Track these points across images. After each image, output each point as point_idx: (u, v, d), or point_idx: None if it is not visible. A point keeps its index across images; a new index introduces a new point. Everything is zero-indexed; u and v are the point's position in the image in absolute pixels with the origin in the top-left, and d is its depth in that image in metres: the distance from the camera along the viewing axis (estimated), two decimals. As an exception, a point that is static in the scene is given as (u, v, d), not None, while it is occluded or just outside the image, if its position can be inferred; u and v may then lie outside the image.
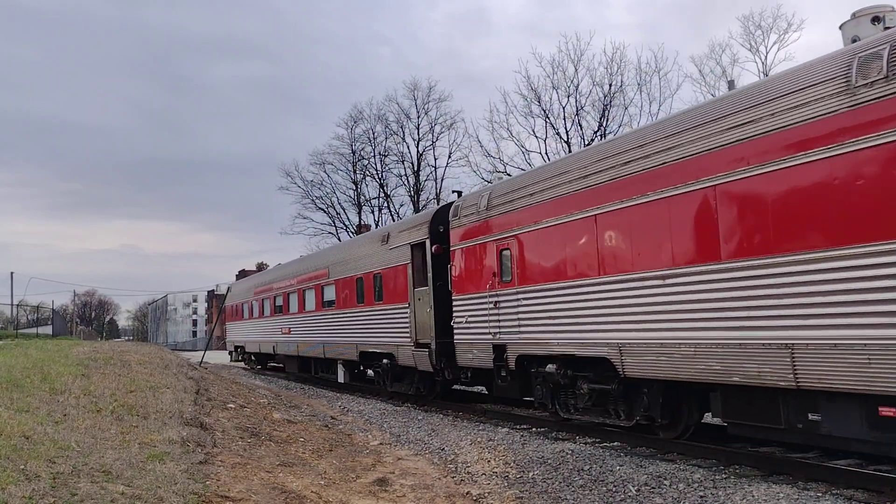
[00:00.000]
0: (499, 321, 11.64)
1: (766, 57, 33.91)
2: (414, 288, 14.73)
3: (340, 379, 19.59)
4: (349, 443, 10.57)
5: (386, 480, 7.94)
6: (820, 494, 6.63)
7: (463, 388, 17.97)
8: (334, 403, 16.39)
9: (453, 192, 17.28)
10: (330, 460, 8.86)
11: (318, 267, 21.26)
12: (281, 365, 27.71)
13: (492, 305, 11.82)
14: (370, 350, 16.99)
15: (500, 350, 11.72)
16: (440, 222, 14.21)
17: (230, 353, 32.83)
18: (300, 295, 22.46)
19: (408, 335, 14.89)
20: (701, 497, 6.89)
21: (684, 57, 62.34)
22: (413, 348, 14.61)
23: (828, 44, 60.56)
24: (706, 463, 8.23)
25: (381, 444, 10.72)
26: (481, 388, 16.89)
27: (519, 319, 11.21)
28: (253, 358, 30.02)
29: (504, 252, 11.71)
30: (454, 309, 13.21)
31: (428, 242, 14.31)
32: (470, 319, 12.60)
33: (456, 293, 13.20)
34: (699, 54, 71.46)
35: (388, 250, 16.08)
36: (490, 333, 11.86)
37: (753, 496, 6.72)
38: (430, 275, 14.15)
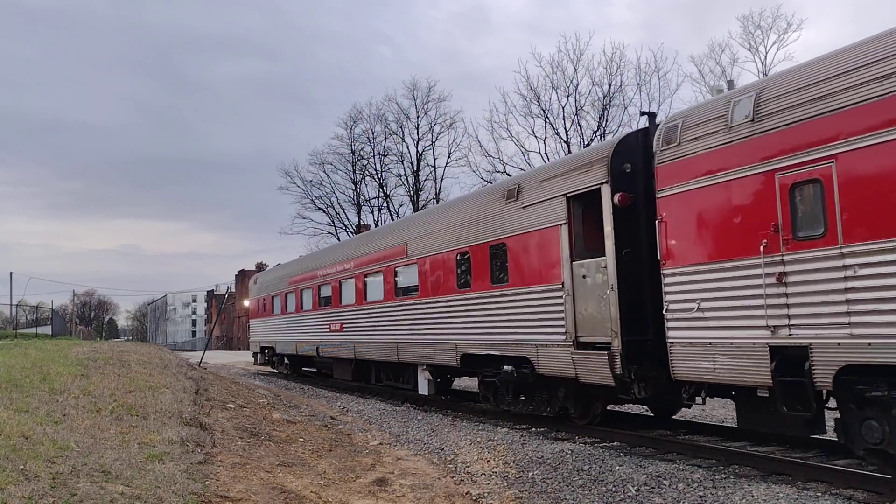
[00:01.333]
0: (787, 306, 7.33)
1: (765, 57, 33.92)
2: (573, 261, 10.25)
3: (423, 390, 15.00)
4: (349, 443, 10.56)
5: (385, 480, 7.94)
6: (819, 494, 6.63)
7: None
8: (334, 403, 16.39)
9: (642, 113, 13.02)
10: (329, 460, 8.86)
11: (389, 245, 16.30)
12: (318, 370, 23.60)
13: (772, 280, 7.44)
14: (481, 352, 12.29)
15: (786, 356, 7.35)
16: (625, 159, 9.77)
17: (255, 355, 28.41)
18: (359, 282, 17.79)
19: (560, 330, 10.40)
20: (700, 497, 6.89)
21: (684, 57, 62.35)
22: (572, 350, 10.08)
23: (828, 43, 60.55)
24: (706, 463, 8.23)
25: (380, 444, 10.72)
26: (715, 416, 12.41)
27: (847, 302, 6.77)
28: (286, 361, 25.09)
29: (801, 188, 7.27)
30: (669, 289, 8.71)
31: (607, 189, 9.63)
32: (711, 305, 8.19)
33: (674, 263, 8.70)
34: (699, 54, 71.55)
35: (521, 209, 11.36)
36: (765, 327, 7.52)
37: (753, 496, 6.73)
38: (610, 239, 9.54)
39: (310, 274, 21.72)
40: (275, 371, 26.93)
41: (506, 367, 11.53)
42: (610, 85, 34.54)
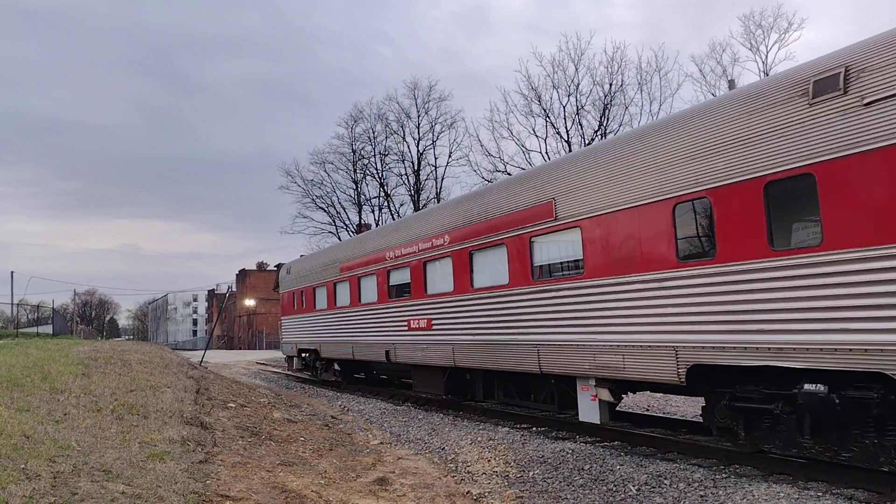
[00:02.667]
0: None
1: (766, 56, 33.85)
2: None
3: (589, 416, 9.91)
4: (349, 442, 10.56)
5: (386, 480, 7.94)
6: (820, 494, 6.63)
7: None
8: (334, 403, 16.39)
9: None
10: (330, 459, 8.86)
11: (515, 206, 11.32)
12: (386, 378, 19.45)
13: None
14: (744, 362, 7.41)
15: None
16: None
17: (289, 359, 23.79)
18: (460, 262, 12.80)
19: None
20: (701, 496, 6.89)
21: (685, 56, 62.40)
22: None
23: (829, 43, 60.46)
24: (706, 462, 8.23)
25: (381, 443, 10.72)
26: None
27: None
28: (336, 367, 20.58)
29: None
30: None
31: None
32: None
33: None
34: (700, 53, 71.44)
35: (861, 107, 6.40)
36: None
37: (754, 495, 6.72)
38: None
39: (372, 256, 16.69)
40: (312, 378, 22.59)
41: (809, 387, 6.97)
42: (611, 84, 34.50)
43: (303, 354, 22.34)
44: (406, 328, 14.89)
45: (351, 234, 47.36)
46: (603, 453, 9.17)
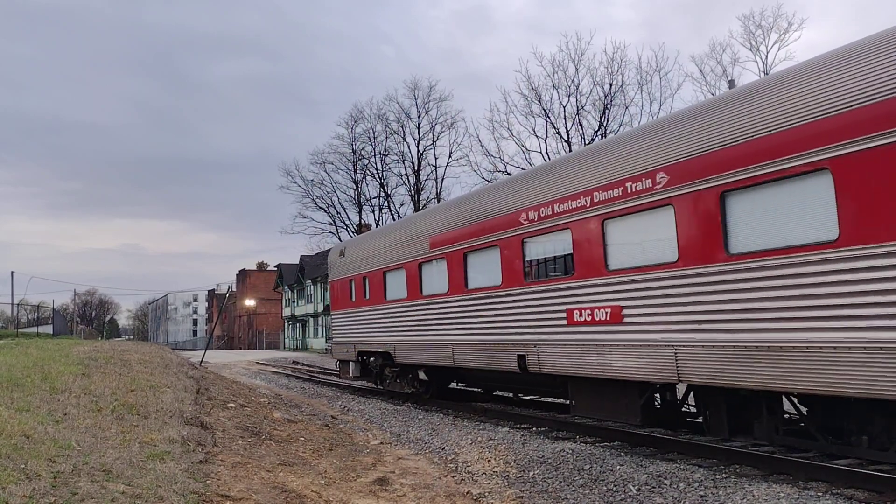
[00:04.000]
0: None
1: (766, 56, 33.87)
2: None
3: None
4: (349, 442, 10.57)
5: (386, 480, 7.94)
6: (820, 494, 6.63)
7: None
8: (334, 403, 16.40)
9: None
10: (330, 459, 8.86)
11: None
12: (494, 391, 15.11)
13: None
14: None
15: None
16: None
17: (343, 364, 18.81)
18: (697, 212, 7.83)
19: None
20: (701, 496, 6.89)
21: (685, 56, 62.45)
22: None
23: (830, 42, 60.49)
24: (706, 462, 8.23)
25: (381, 443, 10.72)
26: None
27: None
28: (422, 376, 15.00)
29: None
30: None
31: None
32: None
33: None
34: (700, 54, 71.46)
35: None
36: None
37: (754, 496, 6.72)
38: None
39: (492, 222, 11.70)
40: (378, 389, 17.75)
41: None
42: (611, 84, 34.56)
43: (368, 359, 17.03)
44: (563, 322, 10.05)
45: (351, 234, 47.30)
46: (603, 453, 9.17)
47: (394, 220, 45.64)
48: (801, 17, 59.74)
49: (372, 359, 16.90)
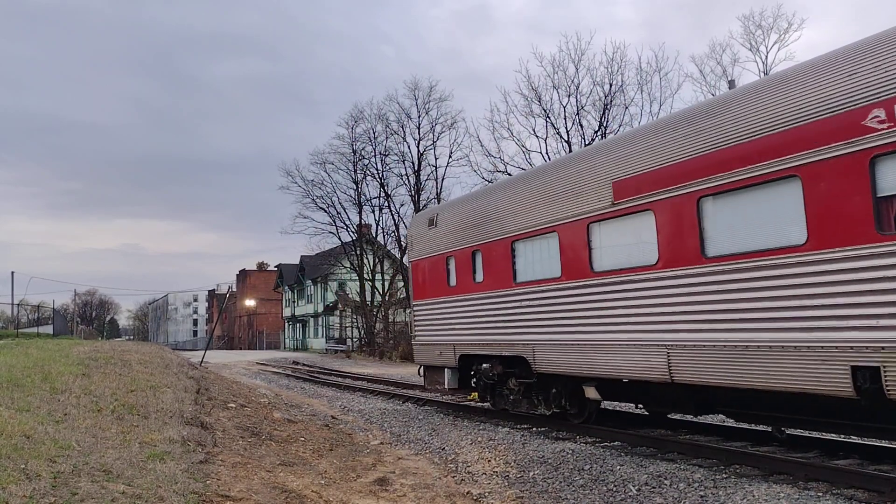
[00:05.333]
0: None
1: (766, 57, 33.85)
2: None
3: None
4: (350, 442, 10.57)
5: (386, 480, 7.94)
6: (820, 494, 6.63)
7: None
8: (335, 403, 16.39)
9: None
10: (330, 460, 8.86)
11: None
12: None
13: None
14: None
15: None
16: None
17: (430, 370, 14.03)
18: None
19: None
20: (701, 497, 6.89)
21: (685, 56, 62.46)
22: None
23: (831, 42, 60.50)
24: (707, 462, 8.23)
25: (381, 443, 10.72)
26: None
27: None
28: (593, 395, 10.22)
29: None
30: None
31: None
32: None
33: None
34: (700, 54, 71.54)
35: None
36: None
37: (754, 496, 6.72)
38: None
39: (760, 143, 7.11)
40: (487, 407, 13.09)
41: None
42: (611, 84, 34.50)
43: (472, 366, 12.52)
44: None
45: (351, 234, 47.30)
46: (603, 453, 9.17)
47: (394, 220, 45.58)
48: (801, 18, 59.66)
49: (485, 365, 11.79)
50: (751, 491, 6.88)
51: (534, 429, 11.39)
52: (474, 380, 12.82)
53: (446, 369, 13.28)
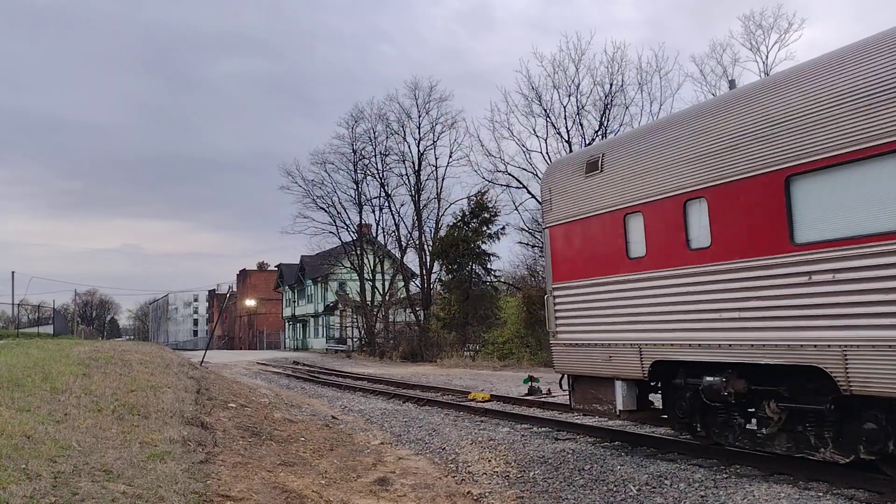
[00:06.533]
0: None
1: (766, 56, 33.86)
2: None
3: None
4: (350, 442, 10.57)
5: (387, 480, 7.94)
6: (820, 494, 6.63)
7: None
8: (335, 403, 16.40)
9: None
10: (331, 460, 8.87)
11: None
12: None
13: None
14: None
15: None
16: None
17: (580, 383, 9.79)
18: None
19: None
20: (702, 497, 6.89)
21: (685, 56, 62.45)
22: None
23: (831, 42, 60.51)
24: (707, 462, 8.23)
25: (381, 443, 10.72)
26: None
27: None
28: None
29: None
30: None
31: None
32: None
33: None
34: (700, 54, 71.57)
35: None
36: None
37: (754, 496, 6.72)
38: None
39: None
40: (698, 442, 8.90)
41: None
42: (611, 84, 34.50)
43: (679, 379, 8.45)
44: None
45: (352, 234, 47.28)
46: (603, 453, 9.18)
47: (395, 220, 45.53)
48: (801, 17, 59.70)
49: (710, 379, 7.79)
50: (751, 491, 6.88)
51: (534, 429, 11.39)
52: (662, 396, 9.03)
53: (619, 383, 9.03)
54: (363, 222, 47.61)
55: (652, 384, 9.08)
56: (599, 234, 9.39)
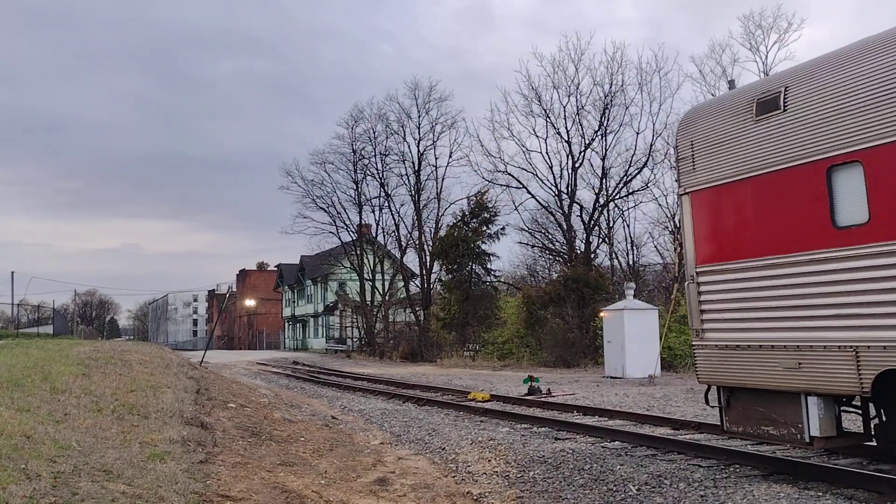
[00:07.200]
0: None
1: (766, 56, 33.86)
2: None
3: None
4: (350, 442, 10.57)
5: (386, 480, 7.94)
6: (820, 494, 6.63)
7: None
8: (335, 403, 16.40)
9: None
10: (330, 460, 8.87)
11: None
12: None
13: None
14: None
15: None
16: None
17: (731, 399, 7.57)
18: None
19: None
20: (701, 496, 6.89)
21: (685, 56, 62.47)
22: None
23: (832, 41, 60.56)
24: (706, 462, 8.24)
25: (381, 443, 10.72)
26: None
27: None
28: None
29: None
30: None
31: None
32: None
33: None
34: (699, 54, 71.61)
35: None
36: None
37: (754, 496, 6.72)
38: None
39: None
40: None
41: None
42: (611, 84, 34.52)
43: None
44: None
45: (351, 234, 47.28)
46: (603, 453, 9.18)
47: (394, 220, 45.51)
48: (801, 17, 59.81)
49: None
50: (751, 491, 6.88)
51: (534, 429, 11.39)
52: (880, 418, 6.95)
53: (812, 399, 6.78)
54: (363, 222, 47.62)
55: (855, 403, 7.08)
56: (781, 196, 7.00)
